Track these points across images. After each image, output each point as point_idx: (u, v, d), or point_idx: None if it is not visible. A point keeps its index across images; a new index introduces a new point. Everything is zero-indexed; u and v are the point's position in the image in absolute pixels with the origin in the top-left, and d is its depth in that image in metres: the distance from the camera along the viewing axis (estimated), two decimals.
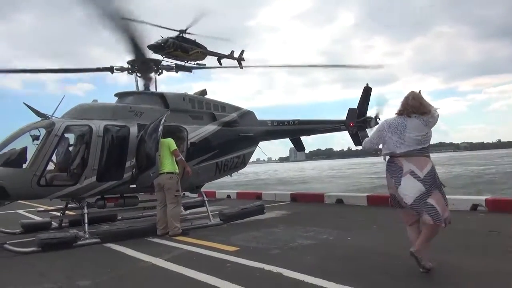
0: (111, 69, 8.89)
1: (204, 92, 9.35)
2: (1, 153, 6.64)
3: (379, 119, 11.73)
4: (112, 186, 7.33)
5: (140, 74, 8.80)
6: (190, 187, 8.52)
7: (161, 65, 9.10)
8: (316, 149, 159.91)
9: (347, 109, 12.42)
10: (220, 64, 10.76)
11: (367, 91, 12.58)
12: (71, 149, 7.57)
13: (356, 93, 13.12)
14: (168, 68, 9.36)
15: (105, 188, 7.28)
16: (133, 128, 7.56)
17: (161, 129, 6.90)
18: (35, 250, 6.05)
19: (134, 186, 7.46)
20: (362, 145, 4.80)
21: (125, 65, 8.80)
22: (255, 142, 10.07)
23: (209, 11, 9.37)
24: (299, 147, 12.26)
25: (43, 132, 6.89)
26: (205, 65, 10.20)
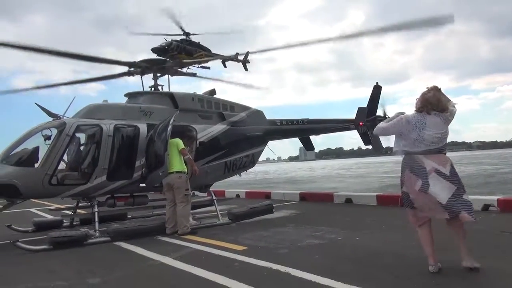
0: (132, 63, 8.63)
1: (213, 92, 9.38)
2: (13, 152, 6.76)
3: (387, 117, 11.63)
4: (122, 185, 7.41)
5: (147, 75, 8.79)
6: (199, 186, 8.58)
7: (165, 68, 8.93)
8: (326, 148, 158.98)
9: (356, 108, 12.39)
10: (225, 66, 10.42)
11: (377, 90, 12.50)
12: (82, 148, 7.68)
13: (366, 92, 13.03)
14: (172, 72, 9.19)
15: (115, 187, 7.36)
16: (142, 128, 7.62)
17: (170, 129, 6.95)
18: (46, 248, 6.16)
19: (143, 185, 7.54)
20: (374, 130, 4.69)
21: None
22: (264, 141, 10.08)
23: (217, 11, 9.33)
24: (308, 146, 12.24)
25: (54, 132, 6.99)
26: (209, 68, 10.07)
